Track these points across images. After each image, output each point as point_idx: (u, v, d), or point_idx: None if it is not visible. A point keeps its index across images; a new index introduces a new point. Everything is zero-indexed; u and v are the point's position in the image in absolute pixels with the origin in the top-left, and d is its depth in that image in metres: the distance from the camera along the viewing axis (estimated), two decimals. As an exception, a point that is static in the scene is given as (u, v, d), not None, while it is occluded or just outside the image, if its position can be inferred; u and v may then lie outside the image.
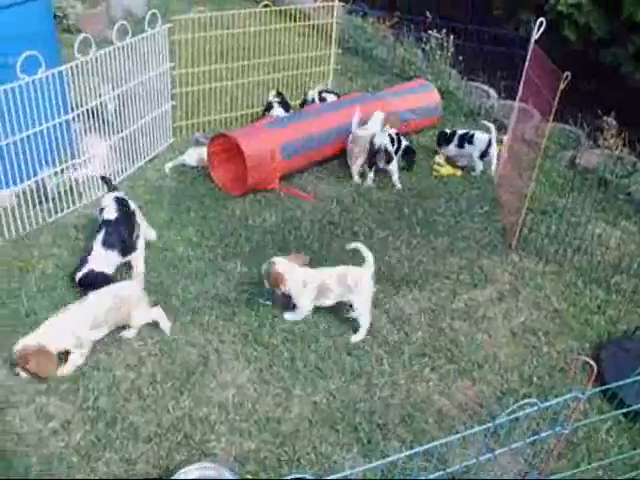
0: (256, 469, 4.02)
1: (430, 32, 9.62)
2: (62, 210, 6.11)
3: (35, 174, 6.03)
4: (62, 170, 6.17)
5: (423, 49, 9.71)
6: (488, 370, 4.77)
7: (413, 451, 3.15)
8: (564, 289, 5.59)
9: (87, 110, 6.32)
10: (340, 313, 5.10)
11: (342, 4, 8.69)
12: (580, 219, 6.39)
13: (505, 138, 7.20)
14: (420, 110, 7.85)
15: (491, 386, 4.65)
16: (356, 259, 5.15)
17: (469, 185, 6.92)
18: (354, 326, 5.00)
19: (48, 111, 5.92)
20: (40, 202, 6.04)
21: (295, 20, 8.67)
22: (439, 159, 7.23)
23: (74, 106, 6.31)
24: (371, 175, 6.83)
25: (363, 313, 4.95)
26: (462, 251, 5.92)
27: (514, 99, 6.84)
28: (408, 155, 7.13)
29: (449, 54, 9.34)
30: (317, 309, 5.11)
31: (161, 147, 7.24)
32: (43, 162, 6.05)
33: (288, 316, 5.07)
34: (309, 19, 9.13)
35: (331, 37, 8.60)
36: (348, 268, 5.05)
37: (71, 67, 5.98)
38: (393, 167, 6.81)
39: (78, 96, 6.32)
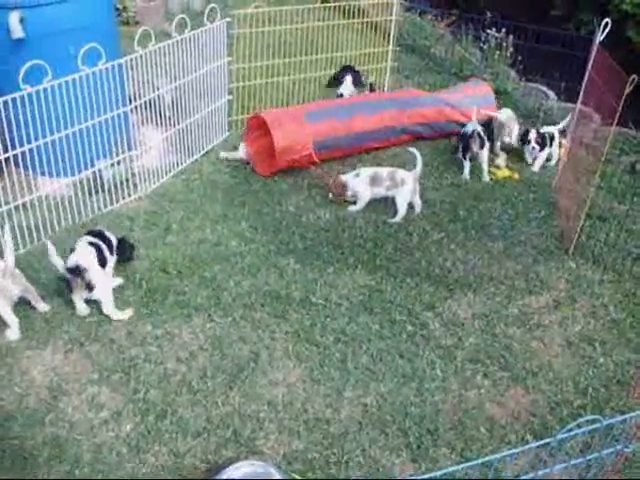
0: (304, 469, 3.99)
1: (489, 31, 9.47)
2: (117, 201, 6.17)
3: (92, 164, 6.10)
4: (119, 161, 6.23)
5: (481, 48, 9.57)
6: (542, 379, 4.66)
7: (469, 464, 3.07)
8: (622, 298, 5.44)
9: (144, 102, 6.36)
10: (393, 315, 5.05)
11: (401, 1, 8.57)
12: (640, 227, 6.23)
13: (565, 142, 7.05)
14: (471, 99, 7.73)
15: (545, 395, 4.54)
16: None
17: (526, 189, 6.79)
18: (405, 327, 4.94)
19: (107, 102, 5.99)
20: (96, 192, 6.11)
21: (353, 17, 8.60)
22: (498, 161, 7.11)
23: (132, 98, 6.35)
24: (467, 165, 6.99)
25: (403, 204, 6.14)
26: (518, 256, 5.81)
27: (573, 101, 6.70)
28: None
29: (508, 54, 9.20)
30: (371, 311, 5.07)
31: (217, 141, 7.26)
32: (100, 153, 6.11)
33: (352, 208, 6.28)
34: (367, 16, 9.07)
35: (389, 34, 8.52)
36: (398, 169, 6.32)
37: (131, 59, 6.02)
38: (484, 154, 6.94)
39: (136, 88, 6.36)
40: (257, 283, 5.32)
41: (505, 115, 7.38)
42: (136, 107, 6.33)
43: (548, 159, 7.22)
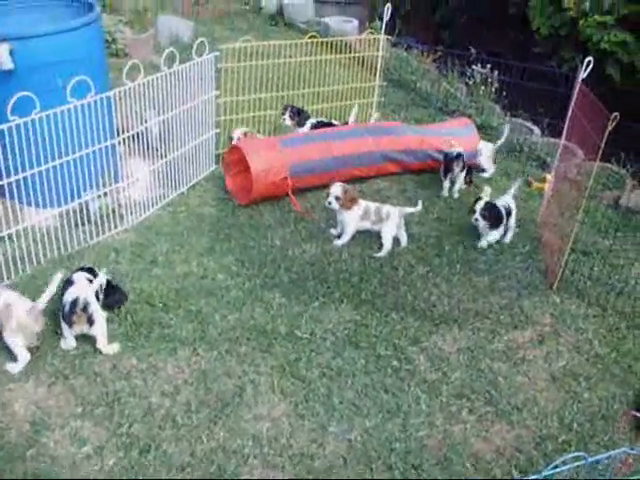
0: (288, 505, 3.97)
1: (474, 67, 9.62)
2: (104, 232, 6.16)
3: (79, 196, 6.10)
4: (105, 193, 6.24)
5: (467, 83, 9.72)
6: (527, 414, 4.66)
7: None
8: (606, 333, 5.47)
9: (132, 134, 6.38)
10: (378, 350, 5.05)
11: (387, 37, 8.69)
12: (623, 261, 6.29)
13: (549, 176, 7.13)
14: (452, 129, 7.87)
15: (530, 431, 4.54)
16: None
17: (511, 223, 6.84)
18: (390, 362, 4.95)
19: (95, 134, 6.00)
20: (83, 224, 6.10)
21: (340, 52, 8.71)
22: (483, 195, 7.14)
23: (120, 130, 6.38)
24: (447, 185, 7.35)
25: (388, 239, 6.23)
26: (502, 290, 5.84)
27: (557, 137, 6.78)
28: (468, 174, 7.50)
29: (493, 89, 9.35)
30: (356, 346, 5.08)
31: (203, 174, 7.29)
32: (87, 184, 6.12)
33: (337, 242, 6.32)
34: (354, 51, 9.19)
35: (375, 69, 8.63)
36: (384, 204, 6.43)
37: (119, 92, 6.05)
38: (461, 176, 7.34)
39: (123, 120, 6.39)
40: (243, 317, 5.31)
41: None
42: (124, 139, 6.35)
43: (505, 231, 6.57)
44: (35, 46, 5.97)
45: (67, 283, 4.99)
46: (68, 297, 4.84)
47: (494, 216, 6.29)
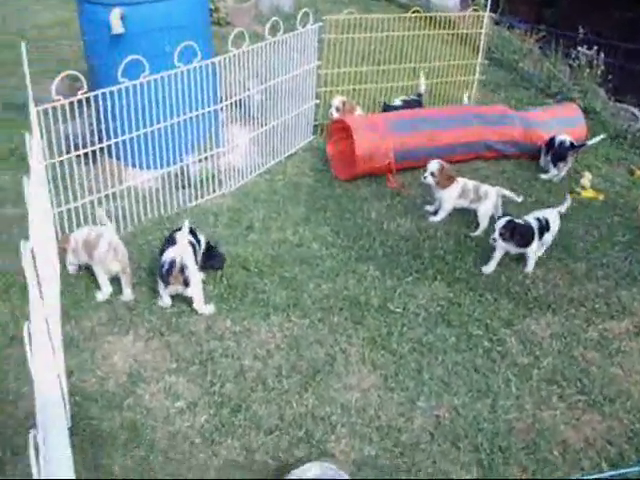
0: (373, 475, 3.99)
1: (579, 48, 9.32)
2: (202, 196, 6.29)
3: (180, 160, 6.24)
4: (206, 158, 6.36)
5: (570, 65, 9.42)
6: (620, 406, 4.54)
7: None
8: None
9: (234, 102, 6.47)
10: (470, 329, 5.02)
11: (490, 14, 8.50)
12: None
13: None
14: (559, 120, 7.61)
15: (622, 424, 4.42)
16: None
17: (611, 211, 6.65)
18: (482, 342, 4.91)
19: (199, 100, 6.11)
20: (183, 187, 6.24)
21: (441, 28, 8.58)
22: (584, 182, 6.98)
23: (222, 97, 6.47)
24: (555, 170, 7.18)
25: (485, 218, 6.12)
26: (600, 279, 5.69)
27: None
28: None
29: (598, 72, 9.03)
30: (448, 323, 5.06)
31: (301, 144, 7.34)
32: (189, 148, 6.25)
33: (434, 218, 6.27)
34: (456, 27, 9.04)
35: (477, 47, 8.47)
36: (482, 183, 6.30)
37: (224, 59, 6.13)
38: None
39: (226, 87, 6.48)
40: (336, 287, 5.35)
41: None
42: (225, 106, 6.45)
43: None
44: (145, 11, 6.12)
45: (168, 242, 5.11)
46: (167, 256, 4.95)
47: (518, 235, 5.54)
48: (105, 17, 5.97)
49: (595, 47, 9.12)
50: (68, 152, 5.47)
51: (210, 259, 5.32)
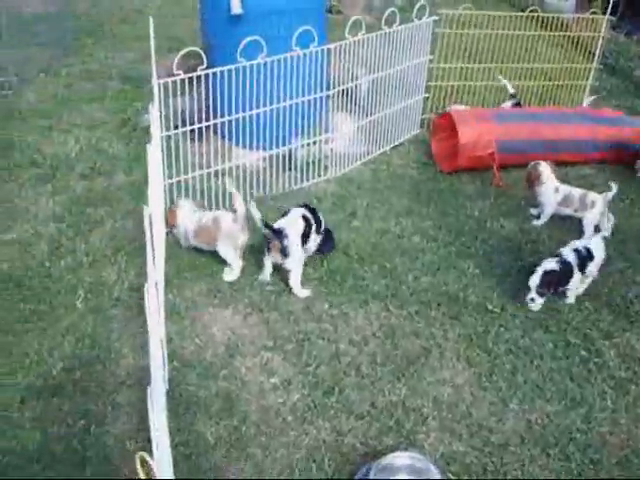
0: (461, 472, 3.98)
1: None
2: (307, 180, 6.38)
3: (288, 142, 6.33)
4: (314, 142, 6.43)
5: (690, 77, 9.10)
6: None
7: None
8: None
9: (342, 90, 6.51)
10: (568, 337, 4.93)
11: (609, 18, 8.27)
12: None
13: None
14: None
15: None
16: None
17: None
18: (579, 352, 4.82)
19: (311, 85, 6.17)
20: (289, 169, 6.34)
21: (555, 29, 8.40)
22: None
23: (332, 84, 6.52)
24: None
25: (589, 225, 5.94)
26: None
27: None
28: None
29: None
30: (546, 329, 4.98)
31: (407, 136, 7.34)
32: (298, 132, 6.33)
33: (536, 222, 6.19)
34: (569, 30, 8.83)
35: (590, 52, 8.27)
36: (589, 191, 6.09)
37: (340, 46, 6.17)
38: None
39: (335, 75, 6.52)
40: (435, 281, 5.35)
41: None
42: (335, 93, 6.50)
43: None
44: (264, -7, 6.21)
45: (283, 214, 5.25)
46: (276, 225, 5.09)
47: (556, 284, 5.09)
48: (225, -2, 6.10)
49: None
50: (181, 127, 5.62)
51: (324, 243, 5.41)
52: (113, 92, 8.16)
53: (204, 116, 5.96)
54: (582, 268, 5.19)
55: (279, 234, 5.03)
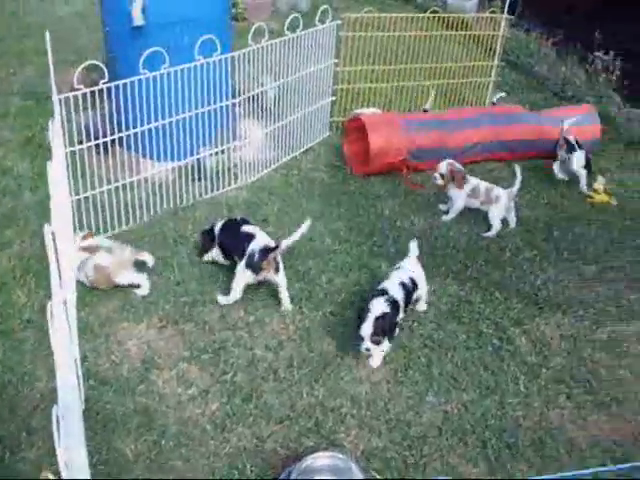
0: (381, 467, 4.04)
1: (596, 53, 9.34)
2: (218, 189, 6.36)
3: (196, 152, 6.30)
4: (222, 151, 6.42)
5: (586, 70, 9.44)
6: (628, 408, 4.57)
7: (549, 477, 3.08)
8: None
9: (249, 97, 6.52)
10: (480, 327, 5.06)
11: (508, 17, 8.52)
12: None
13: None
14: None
15: (629, 425, 4.45)
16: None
17: (623, 215, 6.68)
18: (492, 340, 4.95)
19: (217, 93, 6.16)
20: (199, 179, 6.31)
21: (457, 29, 8.61)
22: (597, 185, 7.00)
23: (238, 91, 6.52)
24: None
25: (497, 220, 6.15)
26: (610, 282, 5.72)
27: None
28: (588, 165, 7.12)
29: (614, 77, 9.05)
30: (458, 320, 5.11)
31: (317, 140, 7.39)
32: (205, 141, 6.31)
33: (445, 217, 6.31)
34: (471, 29, 9.06)
35: (492, 49, 8.50)
36: (495, 186, 6.29)
37: (243, 53, 6.18)
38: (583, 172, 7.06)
39: (242, 82, 6.52)
40: (348, 282, 5.41)
41: None
42: (242, 100, 6.50)
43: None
44: (166, 4, 6.17)
45: (248, 236, 5.12)
46: (256, 245, 5.02)
47: (391, 325, 4.61)
48: (126, 9, 6.03)
49: (612, 52, 9.14)
50: (86, 141, 5.53)
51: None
52: (16, 109, 7.94)
53: (110, 129, 5.87)
54: (407, 302, 4.87)
55: (275, 249, 4.98)
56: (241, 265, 5.04)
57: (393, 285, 4.79)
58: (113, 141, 5.79)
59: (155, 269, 5.35)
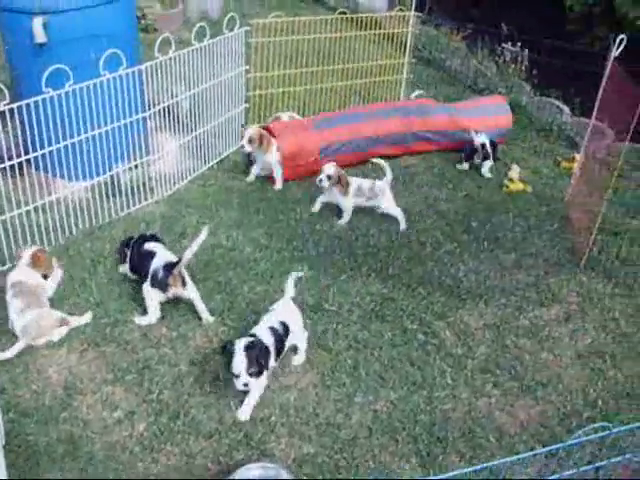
0: (313, 473, 4.03)
1: (504, 45, 9.54)
2: (134, 204, 6.25)
3: (110, 168, 6.18)
4: (136, 166, 6.31)
5: (496, 62, 9.63)
6: (552, 390, 4.68)
7: (478, 467, 3.12)
8: (633, 312, 5.46)
9: (162, 109, 6.44)
10: (405, 324, 5.10)
11: (417, 14, 8.63)
12: (653, 242, 6.26)
13: (577, 156, 7.10)
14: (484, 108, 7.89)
15: (554, 407, 4.57)
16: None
17: (539, 202, 6.84)
18: (417, 336, 5.00)
19: (126, 108, 6.05)
20: (114, 195, 6.18)
21: (369, 28, 8.68)
22: (512, 174, 7.14)
23: (150, 104, 6.43)
24: (465, 166, 7.40)
25: (391, 207, 6.30)
26: (529, 268, 5.84)
27: (587, 116, 6.73)
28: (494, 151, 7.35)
29: (523, 68, 9.26)
30: (383, 319, 5.13)
31: (233, 148, 7.34)
32: (118, 157, 6.20)
33: (341, 221, 6.26)
34: (382, 27, 9.14)
35: (404, 46, 8.60)
36: (375, 180, 6.38)
37: (150, 66, 6.09)
38: (486, 163, 7.29)
39: (153, 94, 6.44)
40: (271, 289, 5.37)
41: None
42: (154, 113, 6.41)
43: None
44: (68, 19, 6.02)
45: (148, 254, 5.09)
46: (159, 263, 4.97)
47: (262, 354, 4.32)
48: (27, 25, 5.87)
49: (519, 44, 9.35)
50: (-5, 164, 5.37)
51: None
52: None
53: (19, 151, 5.70)
54: (279, 350, 4.54)
55: (177, 264, 4.93)
56: (146, 285, 4.99)
57: (263, 327, 4.52)
58: (25, 162, 5.61)
59: (74, 291, 5.23)
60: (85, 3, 6.06)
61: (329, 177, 6.19)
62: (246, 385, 4.26)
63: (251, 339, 4.32)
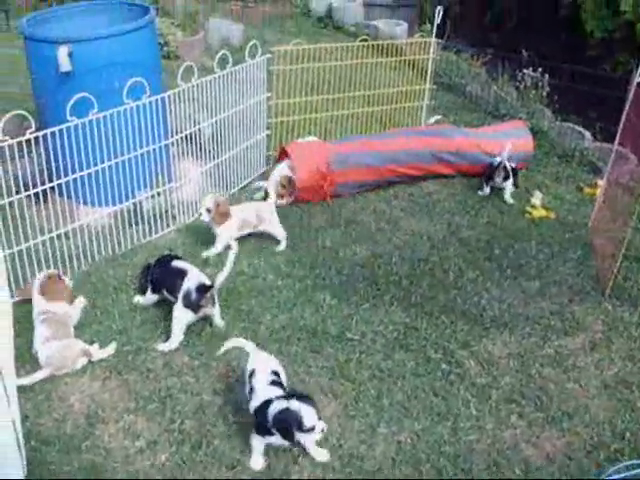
0: (337, 505, 3.99)
1: (525, 70, 9.53)
2: (156, 232, 6.27)
3: (133, 195, 6.21)
4: (158, 193, 6.34)
5: (517, 87, 9.62)
6: (578, 421, 4.60)
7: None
8: (660, 342, 5.38)
9: (184, 136, 6.48)
10: (428, 353, 5.06)
11: (437, 40, 8.67)
12: (679, 269, 6.18)
13: (600, 182, 7.05)
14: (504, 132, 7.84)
15: (581, 438, 4.48)
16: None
17: (562, 228, 6.77)
18: (440, 365, 4.95)
19: (149, 135, 6.09)
20: (136, 223, 6.21)
21: (389, 55, 8.72)
22: (534, 200, 7.11)
23: (172, 131, 6.47)
24: (487, 190, 7.32)
25: (279, 232, 6.20)
26: (553, 296, 5.78)
27: (609, 142, 6.68)
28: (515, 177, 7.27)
29: (544, 93, 9.23)
30: (406, 348, 5.09)
31: (254, 174, 7.37)
32: (141, 184, 6.23)
33: (207, 252, 6.04)
34: (403, 54, 9.18)
35: (425, 72, 8.62)
36: (258, 204, 6.43)
37: (173, 93, 6.14)
38: (508, 184, 7.20)
39: (176, 122, 6.48)
40: (293, 317, 5.35)
41: None
42: (176, 140, 6.45)
43: None
44: (92, 49, 6.10)
45: (179, 273, 5.12)
46: (191, 283, 5.00)
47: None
48: (52, 55, 5.95)
49: (540, 69, 9.34)
50: (17, 192, 5.41)
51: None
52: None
53: (44, 178, 5.76)
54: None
55: (211, 287, 5.01)
56: (179, 306, 4.99)
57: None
58: (50, 189, 5.67)
59: (96, 318, 5.24)
60: (110, 32, 6.16)
61: (208, 210, 5.91)
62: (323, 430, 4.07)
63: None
